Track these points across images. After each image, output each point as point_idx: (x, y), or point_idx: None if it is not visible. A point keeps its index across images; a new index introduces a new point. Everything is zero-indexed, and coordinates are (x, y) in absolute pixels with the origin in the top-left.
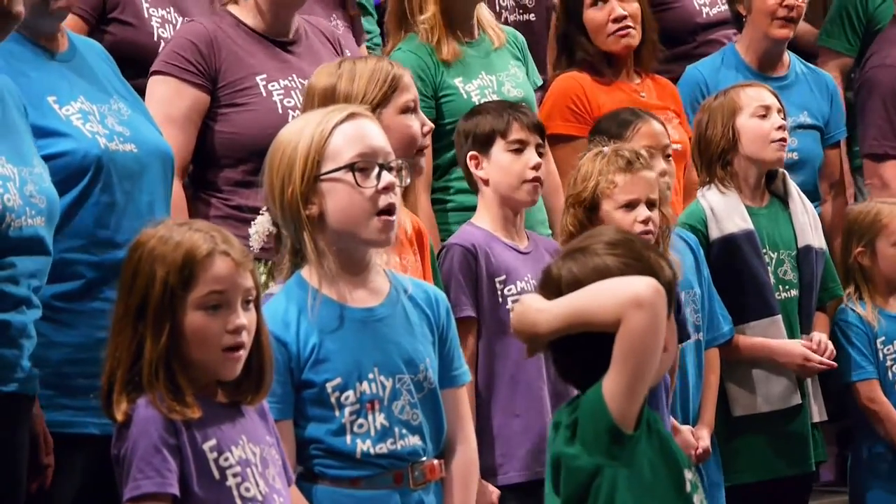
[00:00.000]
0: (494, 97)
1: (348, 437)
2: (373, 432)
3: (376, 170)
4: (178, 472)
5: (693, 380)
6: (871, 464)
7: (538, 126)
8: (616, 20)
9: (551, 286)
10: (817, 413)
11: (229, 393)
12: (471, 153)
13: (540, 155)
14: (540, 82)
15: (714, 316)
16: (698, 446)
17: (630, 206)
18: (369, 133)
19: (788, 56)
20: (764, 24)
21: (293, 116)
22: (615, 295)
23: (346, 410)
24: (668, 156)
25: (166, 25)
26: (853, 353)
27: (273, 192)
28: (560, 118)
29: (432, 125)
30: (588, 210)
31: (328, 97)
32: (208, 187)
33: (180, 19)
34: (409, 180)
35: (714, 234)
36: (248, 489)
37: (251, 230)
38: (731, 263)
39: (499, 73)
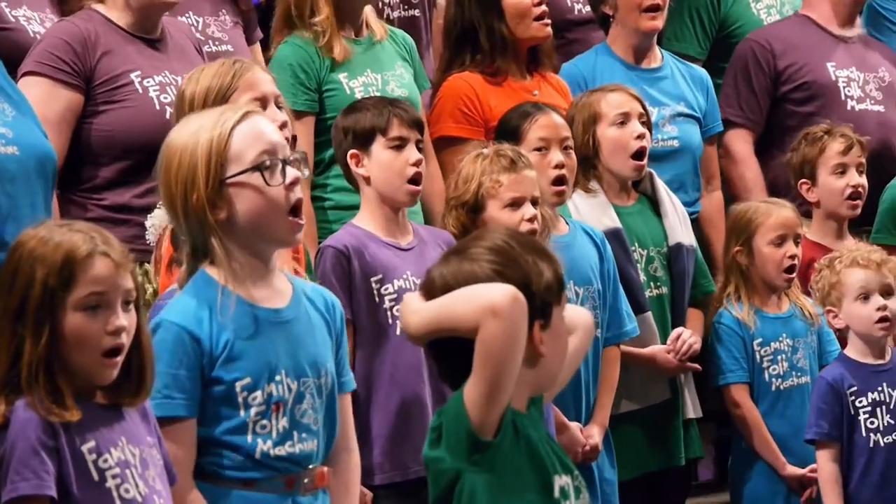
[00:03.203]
0: (378, 95)
1: (249, 436)
2: (274, 434)
3: (280, 166)
4: (57, 474)
5: (587, 376)
6: (750, 462)
7: (418, 122)
8: (539, 4)
9: (428, 287)
10: (691, 410)
11: (109, 394)
12: (351, 151)
13: (419, 151)
14: (428, 86)
15: (617, 313)
16: (586, 444)
17: (515, 204)
18: (266, 130)
19: (660, 51)
20: (632, 18)
21: (170, 112)
22: (472, 303)
23: (252, 411)
24: (568, 149)
25: (31, 22)
26: (723, 355)
27: (173, 199)
28: (451, 120)
29: (286, 119)
30: (472, 211)
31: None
32: (81, 188)
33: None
34: (307, 172)
35: None
36: (127, 490)
37: (147, 223)
38: None
39: (384, 72)
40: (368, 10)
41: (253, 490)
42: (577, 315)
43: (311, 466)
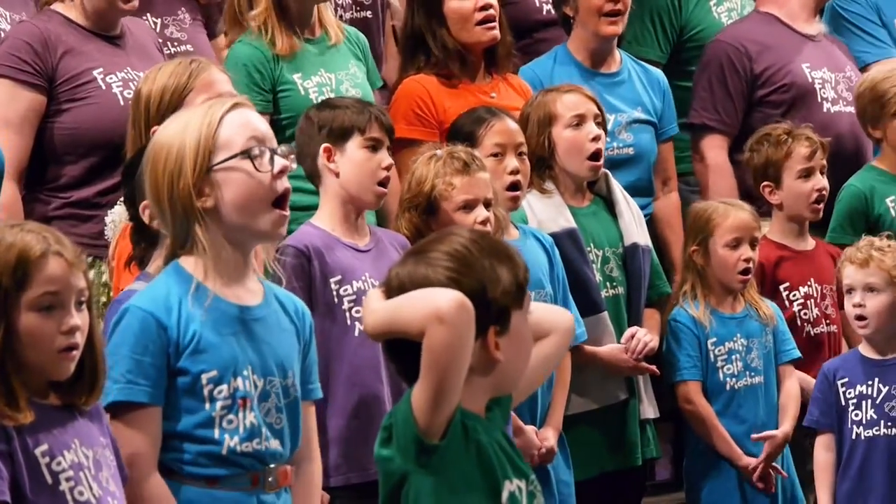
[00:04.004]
0: (332, 95)
1: (216, 431)
2: (241, 430)
3: (268, 155)
4: (10, 478)
5: None
6: (705, 461)
7: (391, 129)
8: (482, 8)
9: (387, 286)
10: (648, 410)
11: (62, 395)
12: (325, 145)
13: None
14: (380, 84)
15: None
16: (542, 447)
17: (468, 207)
18: (255, 120)
19: (619, 53)
20: (592, 22)
21: None
22: (420, 308)
23: (218, 404)
24: (522, 154)
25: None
26: (677, 353)
27: (159, 190)
28: (405, 122)
29: None
30: (425, 213)
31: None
32: (47, 186)
33: None
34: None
35: None
36: (81, 493)
37: (107, 219)
38: None
39: (338, 72)
40: (326, 13)
41: (217, 488)
42: (555, 316)
43: (274, 465)
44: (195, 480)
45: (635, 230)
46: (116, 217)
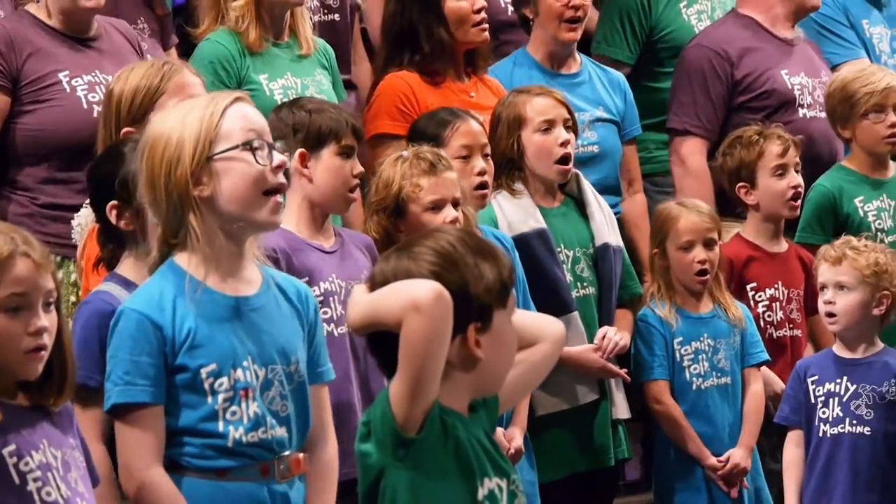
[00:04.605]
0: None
1: (221, 424)
2: (245, 420)
3: (267, 149)
4: None
5: None
6: (674, 461)
7: (362, 135)
8: (478, 11)
9: (371, 281)
10: (621, 410)
11: (31, 396)
12: (301, 150)
13: None
14: (345, 98)
15: None
16: (510, 447)
17: (437, 207)
18: (254, 115)
19: (579, 55)
20: (552, 27)
21: (98, 112)
22: (398, 298)
23: (220, 397)
24: (487, 155)
25: None
26: (645, 353)
27: (155, 179)
28: (388, 117)
29: None
30: (393, 215)
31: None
32: (13, 186)
33: None
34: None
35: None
36: (49, 493)
37: (73, 222)
38: (524, 263)
39: (304, 77)
40: (302, 25)
41: (227, 480)
42: (546, 325)
43: (285, 453)
44: (204, 473)
45: (606, 231)
46: (83, 220)
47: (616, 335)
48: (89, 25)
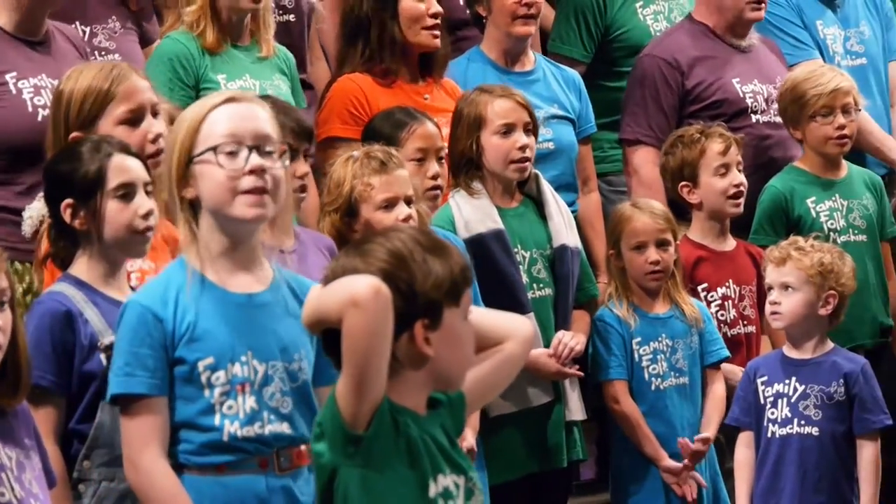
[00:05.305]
0: None
1: (217, 418)
2: (241, 415)
3: (245, 152)
4: None
5: None
6: (631, 461)
7: (310, 132)
8: (433, 16)
9: (324, 280)
10: (576, 412)
11: None
12: None
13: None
14: (304, 105)
15: None
16: (464, 448)
17: (389, 205)
18: (245, 115)
19: (533, 53)
20: (505, 23)
21: (43, 115)
22: (339, 294)
23: (216, 391)
24: (441, 158)
25: None
26: (603, 353)
27: (166, 178)
28: (339, 120)
29: (160, 131)
30: (346, 216)
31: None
32: None
33: None
34: (288, 163)
35: (462, 235)
36: (2, 494)
37: (25, 214)
38: (481, 263)
39: (263, 80)
40: (265, 27)
41: (226, 474)
42: (513, 324)
43: (287, 447)
44: (203, 470)
45: (564, 232)
46: (35, 213)
47: (572, 340)
48: (41, 26)
